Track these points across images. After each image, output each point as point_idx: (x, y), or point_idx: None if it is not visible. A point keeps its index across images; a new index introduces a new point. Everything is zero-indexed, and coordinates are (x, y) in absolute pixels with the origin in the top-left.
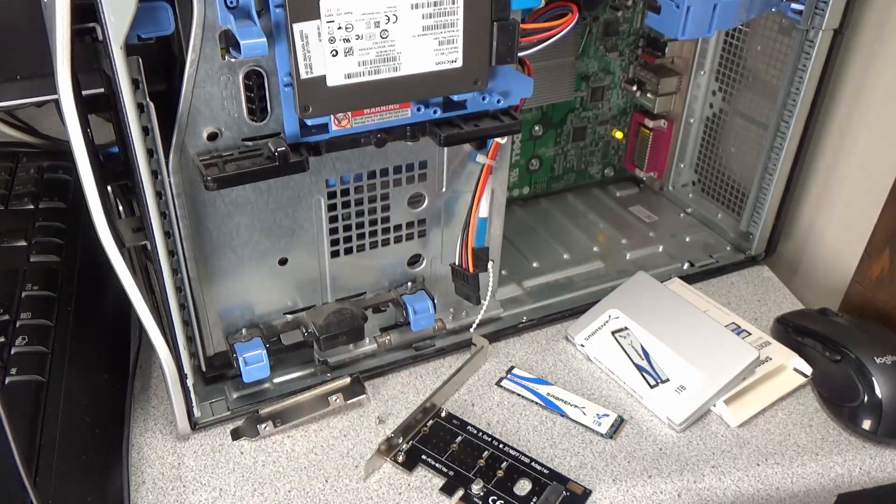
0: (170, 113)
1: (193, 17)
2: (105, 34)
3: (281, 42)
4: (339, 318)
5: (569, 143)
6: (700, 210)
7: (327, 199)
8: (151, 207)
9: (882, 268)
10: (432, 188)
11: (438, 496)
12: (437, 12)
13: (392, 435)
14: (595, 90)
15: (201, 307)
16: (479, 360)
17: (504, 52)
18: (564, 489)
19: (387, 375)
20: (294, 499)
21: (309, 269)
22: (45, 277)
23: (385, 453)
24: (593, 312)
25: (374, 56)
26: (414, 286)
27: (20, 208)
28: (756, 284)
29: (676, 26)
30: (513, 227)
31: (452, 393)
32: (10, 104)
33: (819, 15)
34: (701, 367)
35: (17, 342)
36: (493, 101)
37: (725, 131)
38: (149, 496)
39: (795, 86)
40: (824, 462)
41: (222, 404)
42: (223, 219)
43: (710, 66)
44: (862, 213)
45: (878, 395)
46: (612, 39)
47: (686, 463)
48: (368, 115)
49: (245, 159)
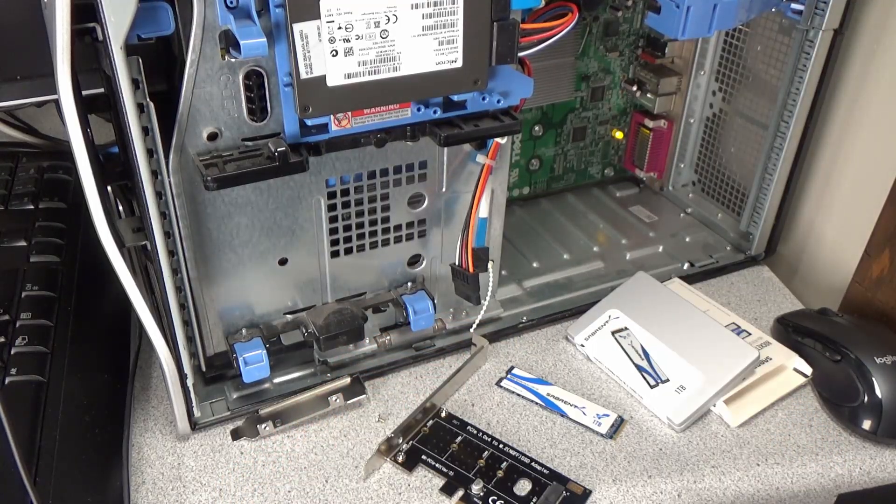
0: (170, 113)
1: (193, 17)
2: (105, 34)
3: (281, 42)
4: (339, 318)
5: (569, 143)
6: (700, 210)
7: (327, 199)
8: (151, 207)
9: (882, 268)
10: (432, 188)
11: (438, 496)
12: (437, 12)
13: (392, 435)
14: (595, 90)
15: (201, 307)
16: (478, 360)
17: (504, 52)
18: (564, 489)
19: (387, 375)
20: (294, 499)
21: (309, 269)
22: (45, 277)
23: (385, 453)
24: (593, 312)
25: (374, 56)
26: (414, 286)
27: (20, 208)
28: (756, 284)
29: (676, 26)
30: (513, 227)
31: (452, 393)
32: (10, 104)
33: (819, 15)
34: (701, 367)
35: (17, 342)
36: (493, 101)
37: (725, 131)
38: (149, 496)
39: (795, 86)
40: (824, 462)
41: (222, 404)
42: (223, 219)
43: (710, 66)
44: (862, 213)
45: (878, 395)
46: (612, 39)
47: (686, 463)
48: (368, 115)
49: (245, 159)
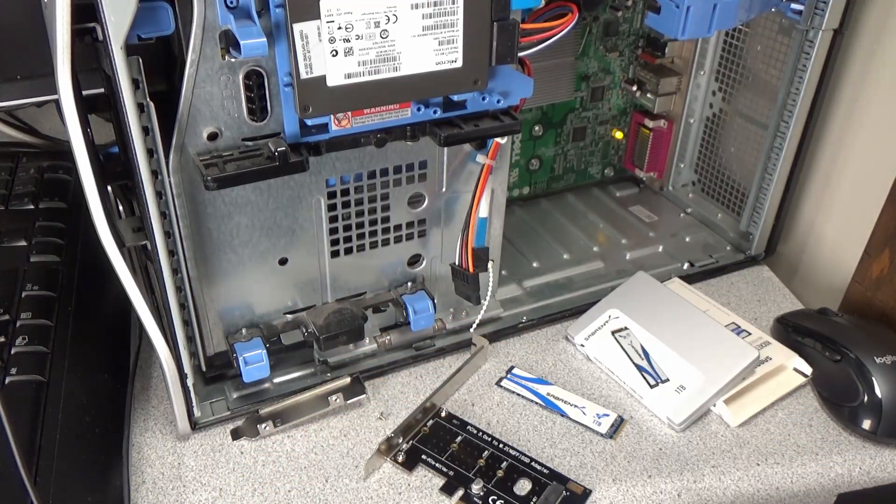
0: (170, 113)
1: (193, 17)
2: (105, 34)
3: (281, 42)
4: (339, 318)
5: (569, 143)
6: (700, 210)
7: (327, 199)
8: (151, 207)
9: (882, 268)
10: (432, 188)
11: (438, 496)
12: (437, 12)
13: (392, 435)
14: (595, 90)
15: (201, 307)
16: (479, 359)
17: (504, 52)
18: (564, 489)
19: (387, 375)
20: (294, 499)
21: (309, 269)
22: (45, 277)
23: (385, 453)
24: (593, 312)
25: (374, 56)
26: (414, 286)
27: (20, 208)
28: (756, 284)
29: (676, 26)
30: (513, 227)
31: (452, 393)
32: (10, 104)
33: (819, 15)
34: (701, 367)
35: (17, 342)
36: (493, 101)
37: (725, 131)
38: (149, 496)
39: (795, 86)
40: (824, 462)
41: (222, 404)
42: (223, 219)
43: (710, 66)
44: (862, 213)
45: (878, 395)
46: (612, 39)
47: (686, 463)
48: (368, 115)
49: (245, 159)
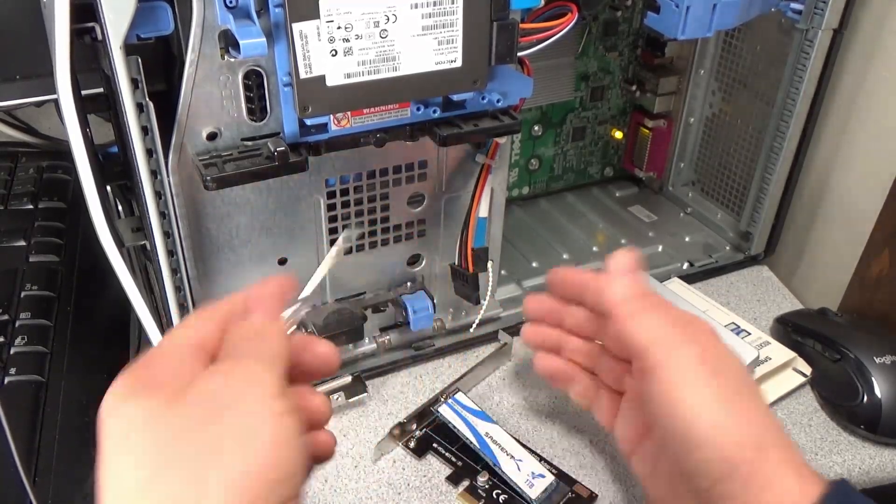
0: (169, 113)
1: (193, 17)
2: (105, 34)
3: (280, 42)
4: (339, 318)
5: (568, 143)
6: (700, 210)
7: (327, 199)
8: (151, 207)
9: (882, 268)
10: (432, 188)
11: (445, 486)
12: (437, 12)
13: (405, 420)
14: (595, 90)
15: (201, 307)
16: (502, 356)
17: (503, 51)
18: (570, 490)
19: (386, 375)
20: None
21: (309, 269)
22: (45, 277)
23: (398, 438)
24: None
25: (373, 56)
26: (413, 286)
27: (20, 208)
28: (756, 284)
29: (676, 26)
30: (513, 227)
31: (472, 387)
32: (10, 104)
33: (818, 15)
34: None
35: (17, 342)
36: (493, 101)
37: (725, 131)
38: None
39: (795, 85)
40: (824, 462)
41: None
42: (223, 219)
43: (709, 65)
44: (862, 213)
45: (877, 395)
46: (612, 39)
47: None
48: (368, 114)
49: (244, 159)
